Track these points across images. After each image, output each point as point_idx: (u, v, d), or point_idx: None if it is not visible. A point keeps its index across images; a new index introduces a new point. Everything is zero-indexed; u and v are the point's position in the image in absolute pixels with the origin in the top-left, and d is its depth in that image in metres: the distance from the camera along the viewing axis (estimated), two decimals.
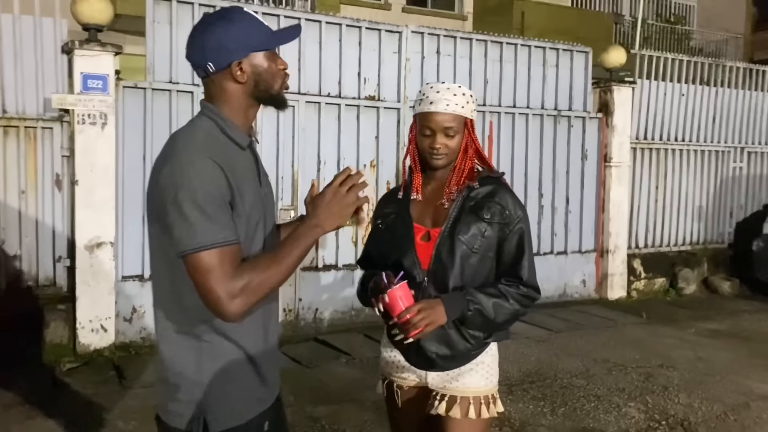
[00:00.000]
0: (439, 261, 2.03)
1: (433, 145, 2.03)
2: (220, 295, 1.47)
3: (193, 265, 1.48)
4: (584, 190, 7.43)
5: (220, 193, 1.50)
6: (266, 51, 1.62)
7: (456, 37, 6.66)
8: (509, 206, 2.06)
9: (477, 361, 2.09)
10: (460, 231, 2.03)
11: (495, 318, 2.00)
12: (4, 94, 4.95)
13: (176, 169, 1.50)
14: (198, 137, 1.58)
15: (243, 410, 1.63)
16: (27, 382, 4.43)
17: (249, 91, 1.63)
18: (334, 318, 6.09)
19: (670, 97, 7.96)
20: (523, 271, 2.06)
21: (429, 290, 2.03)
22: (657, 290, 7.92)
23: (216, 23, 1.59)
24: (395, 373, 2.18)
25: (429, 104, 2.02)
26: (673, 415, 4.18)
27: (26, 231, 5.07)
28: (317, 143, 5.98)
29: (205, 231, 1.47)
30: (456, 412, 2.04)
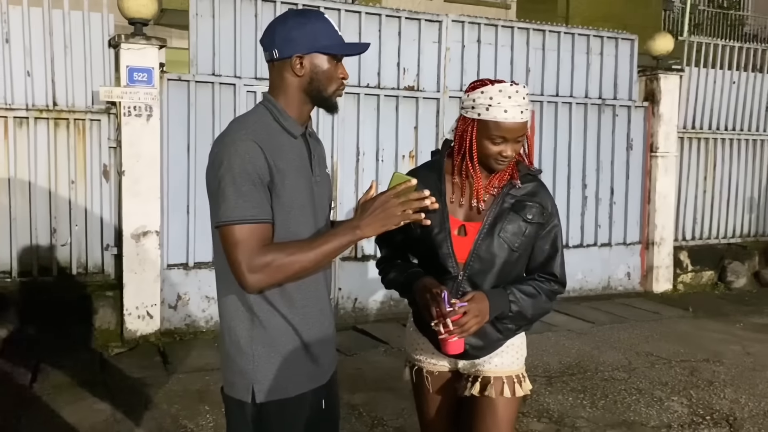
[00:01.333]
0: (477, 257, 2.02)
1: (505, 153, 1.97)
2: (242, 266, 1.58)
3: (224, 237, 1.60)
4: (629, 181, 7.27)
5: (257, 172, 1.59)
6: (329, 55, 1.70)
7: (497, 26, 6.59)
8: (548, 207, 2.09)
9: (507, 344, 2.13)
10: (502, 229, 2.02)
11: (531, 316, 2.07)
12: (54, 88, 5.12)
13: (221, 148, 1.63)
14: (248, 122, 1.69)
15: (291, 384, 1.71)
16: (77, 365, 4.60)
17: (303, 87, 1.71)
18: (373, 308, 6.13)
19: (720, 85, 7.70)
20: (557, 268, 2.10)
21: (463, 285, 2.03)
22: (705, 284, 7.71)
23: (293, 17, 1.71)
24: (425, 359, 2.19)
25: (503, 112, 1.92)
26: (718, 410, 4.07)
27: (76, 220, 5.25)
28: (356, 134, 6.00)
29: (237, 206, 1.58)
30: (491, 391, 2.08)
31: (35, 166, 5.10)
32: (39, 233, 5.14)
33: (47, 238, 5.18)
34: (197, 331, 5.48)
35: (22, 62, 5.02)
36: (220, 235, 1.61)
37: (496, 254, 2.02)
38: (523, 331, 2.18)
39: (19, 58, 5.02)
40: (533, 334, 5.44)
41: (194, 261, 5.53)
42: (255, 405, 1.68)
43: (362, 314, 6.05)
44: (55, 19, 5.09)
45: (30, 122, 5.06)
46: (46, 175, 5.14)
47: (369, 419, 3.84)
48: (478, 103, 1.96)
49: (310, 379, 1.75)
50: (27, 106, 5.05)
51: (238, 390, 1.70)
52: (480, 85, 1.99)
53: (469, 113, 2.00)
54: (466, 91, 2.04)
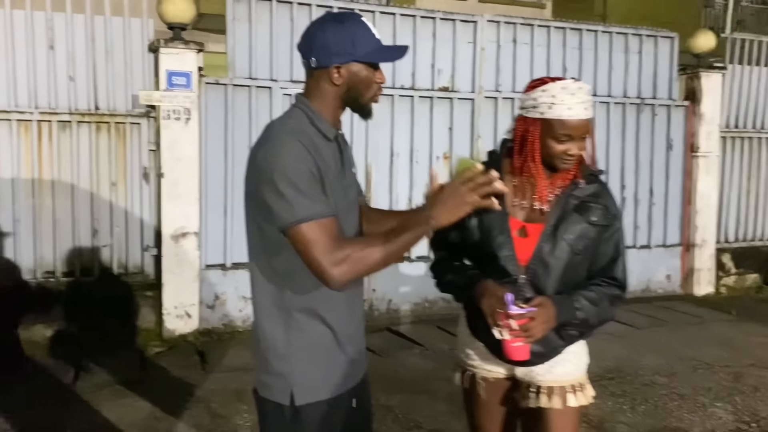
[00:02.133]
0: (540, 260, 1.97)
1: (570, 152, 1.92)
2: (323, 263, 1.56)
3: (295, 239, 1.58)
4: (669, 182, 7.12)
5: (310, 171, 1.59)
6: (367, 63, 1.68)
7: (533, 25, 6.52)
8: (611, 208, 2.02)
9: (567, 350, 2.06)
10: (566, 231, 1.96)
11: (596, 324, 2.02)
12: (96, 92, 5.24)
13: (270, 152, 1.61)
14: (289, 124, 1.68)
15: (328, 386, 1.70)
16: (118, 364, 4.69)
17: (341, 94, 1.70)
18: (408, 309, 6.12)
19: (764, 83, 7.50)
20: (619, 272, 2.03)
21: (525, 288, 1.97)
22: (749, 287, 7.51)
23: (330, 24, 1.68)
24: (480, 365, 2.12)
25: (567, 110, 1.88)
26: (764, 417, 3.96)
27: (117, 221, 5.36)
28: (390, 135, 6.01)
29: (301, 205, 1.56)
30: (555, 402, 2.01)
31: (77, 168, 5.22)
32: (81, 234, 5.26)
33: (89, 239, 5.30)
34: (234, 331, 5.54)
35: (65, 67, 5.16)
36: (291, 237, 1.59)
37: (559, 257, 1.96)
38: (582, 339, 2.09)
39: (63, 64, 5.15)
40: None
41: (232, 261, 5.60)
42: (293, 407, 1.68)
43: (396, 315, 6.04)
44: (97, 25, 5.21)
45: (73, 126, 5.19)
46: (87, 178, 5.26)
47: (405, 421, 3.83)
48: (540, 101, 1.91)
49: (345, 379, 1.75)
50: (70, 110, 5.18)
51: (275, 392, 1.70)
52: (540, 83, 1.94)
53: (530, 113, 1.95)
54: (525, 90, 1.99)
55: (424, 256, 6.13)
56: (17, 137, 5.07)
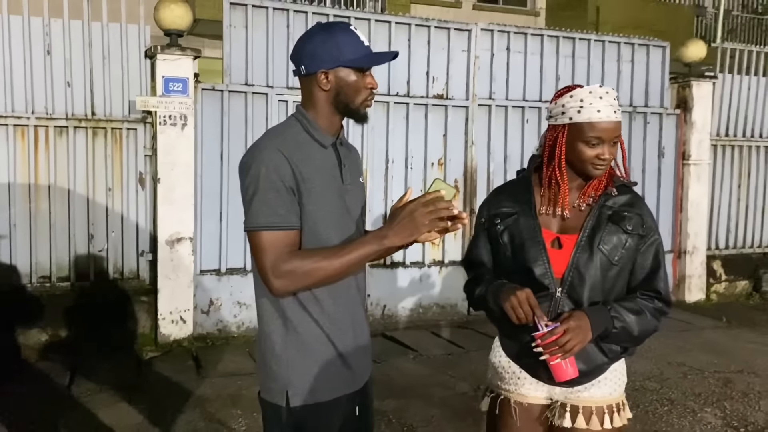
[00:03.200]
0: (576, 271, 1.92)
1: (603, 156, 1.88)
2: (267, 272, 1.64)
3: (251, 242, 1.68)
4: (661, 189, 7.19)
5: (281, 180, 1.64)
6: (355, 67, 1.73)
7: (527, 34, 6.59)
8: (647, 218, 1.98)
9: (608, 370, 2.00)
10: (601, 241, 1.92)
11: (637, 335, 1.93)
12: (93, 98, 5.27)
13: (249, 158, 1.70)
14: (277, 133, 1.76)
15: (324, 389, 1.74)
16: (113, 368, 4.71)
17: (331, 100, 1.75)
18: (403, 315, 6.15)
19: (754, 92, 7.59)
20: (660, 285, 1.97)
21: (563, 302, 1.93)
22: (739, 293, 7.59)
23: (318, 33, 1.74)
24: (515, 389, 2.04)
25: (596, 112, 1.86)
26: (753, 422, 4.01)
27: (112, 226, 5.38)
28: (386, 142, 6.06)
29: (261, 213, 1.64)
30: (594, 423, 1.95)
31: (74, 173, 5.24)
32: (77, 239, 5.28)
33: (85, 244, 5.31)
34: (229, 336, 5.57)
35: (62, 73, 5.18)
36: (249, 239, 1.69)
37: (595, 267, 1.91)
38: (626, 356, 2.04)
39: (60, 69, 5.18)
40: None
41: (226, 267, 5.63)
42: (289, 409, 1.72)
43: (391, 321, 6.08)
44: (94, 31, 5.24)
45: (69, 131, 5.21)
46: (84, 183, 5.28)
47: (399, 426, 3.86)
48: (568, 107, 1.91)
49: (343, 384, 1.78)
50: (67, 116, 5.20)
51: (273, 394, 1.75)
52: (567, 90, 1.94)
53: (559, 120, 1.94)
54: (552, 99, 1.99)
55: (419, 262, 6.18)
56: (14, 142, 5.09)
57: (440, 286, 6.18)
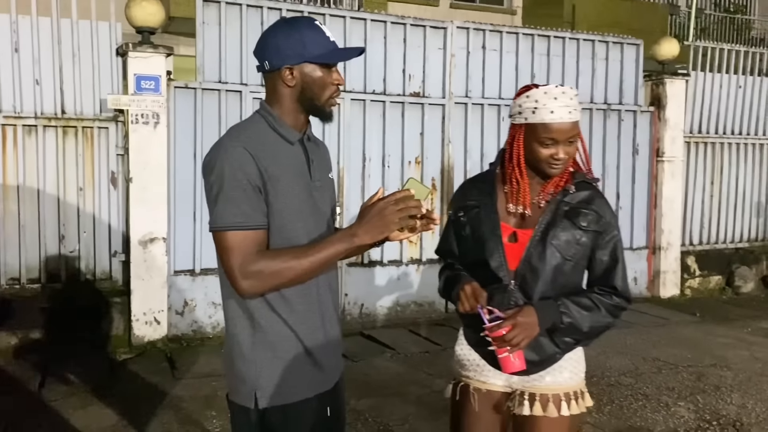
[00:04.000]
0: (528, 265, 1.96)
1: (557, 156, 1.91)
2: (234, 273, 1.60)
3: (217, 242, 1.64)
4: (635, 186, 7.27)
5: (247, 179, 1.60)
6: (320, 64, 1.70)
7: (502, 32, 6.61)
8: (605, 214, 2.00)
9: (564, 358, 2.03)
10: (554, 236, 1.95)
11: (587, 330, 1.96)
12: (63, 96, 5.18)
13: (213, 155, 1.66)
14: (241, 129, 1.72)
15: (293, 390, 1.71)
16: (85, 370, 4.63)
17: (296, 96, 1.72)
18: (380, 313, 6.14)
19: (726, 89, 7.70)
20: (617, 281, 2.00)
21: (515, 294, 1.97)
22: (712, 288, 7.69)
23: (282, 27, 1.71)
24: (475, 376, 2.10)
25: (549, 113, 1.88)
26: (725, 415, 4.06)
27: (84, 227, 5.30)
28: (362, 140, 6.03)
29: (227, 212, 1.60)
30: (550, 410, 1.98)
31: (44, 173, 5.15)
32: (48, 240, 5.19)
33: (56, 245, 5.22)
34: (204, 337, 5.51)
35: (31, 71, 5.09)
36: (214, 239, 1.65)
37: (548, 262, 1.94)
38: (582, 345, 2.06)
39: (28, 67, 5.08)
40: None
41: (201, 267, 5.57)
42: (258, 411, 1.69)
43: (369, 320, 6.06)
44: (63, 28, 5.16)
45: (39, 130, 5.12)
46: (54, 183, 5.19)
47: (375, 425, 3.85)
48: (524, 107, 1.94)
49: (313, 384, 1.75)
50: (36, 114, 5.11)
51: (241, 396, 1.71)
52: (524, 90, 1.97)
53: (516, 119, 1.98)
54: (513, 98, 2.02)
55: (396, 260, 6.17)
56: None
57: (418, 284, 6.18)
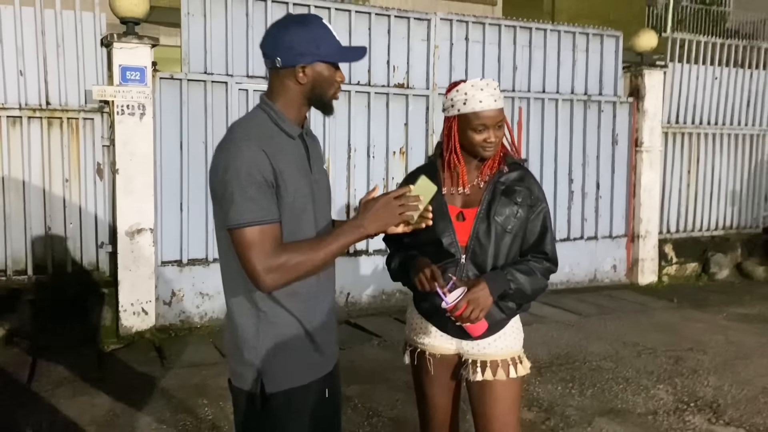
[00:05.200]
0: (477, 240, 2.18)
1: (489, 139, 2.15)
2: (257, 268, 1.64)
3: (236, 240, 1.66)
4: (615, 176, 7.41)
5: (262, 175, 1.65)
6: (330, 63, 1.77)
7: (485, 24, 6.68)
8: (534, 190, 2.25)
9: (507, 326, 2.27)
10: (496, 212, 2.18)
11: (530, 293, 2.20)
12: (47, 87, 5.15)
13: (226, 153, 1.68)
14: (249, 126, 1.75)
15: (298, 374, 1.78)
16: (74, 361, 4.65)
17: (305, 93, 1.78)
18: (366, 302, 6.22)
19: (702, 81, 7.86)
20: (547, 247, 2.25)
21: (468, 267, 2.19)
22: (689, 275, 7.89)
23: (293, 25, 1.76)
24: (428, 342, 2.30)
25: (478, 102, 2.13)
26: (702, 397, 4.21)
27: (70, 218, 5.29)
28: (347, 131, 6.08)
29: (246, 209, 1.63)
30: (500, 374, 2.22)
31: (29, 165, 5.13)
32: (33, 231, 5.17)
33: (42, 237, 5.21)
34: (192, 327, 5.54)
35: (14, 61, 5.05)
36: (232, 238, 1.67)
37: (493, 235, 2.18)
38: (521, 312, 2.31)
39: (12, 58, 5.04)
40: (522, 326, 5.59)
41: (188, 258, 5.59)
42: (263, 395, 1.76)
43: (355, 308, 6.14)
44: (47, 18, 5.12)
45: (23, 121, 5.09)
46: (39, 174, 5.17)
47: (364, 410, 3.93)
48: (456, 100, 2.18)
49: (315, 369, 1.83)
50: (20, 105, 5.08)
51: (246, 381, 1.78)
52: (454, 85, 2.21)
53: (450, 112, 2.21)
54: (444, 94, 2.25)
55: (381, 250, 6.24)
56: None
57: None
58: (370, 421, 3.81)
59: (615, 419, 3.86)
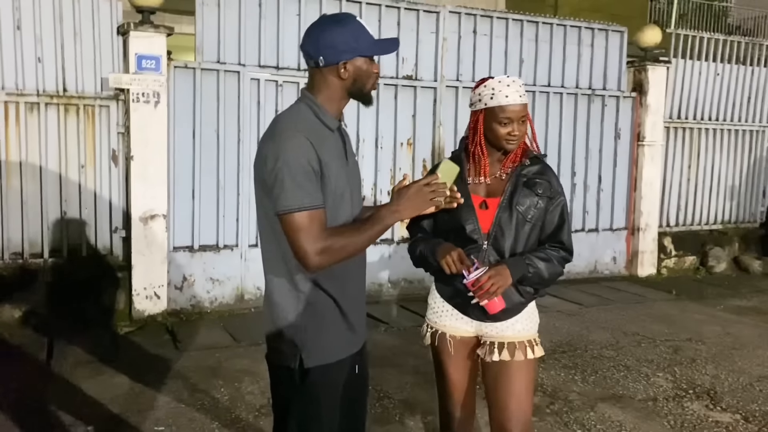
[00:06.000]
0: (499, 227, 2.32)
1: (513, 132, 2.29)
2: (307, 250, 1.77)
3: (287, 224, 1.78)
4: (617, 169, 7.54)
5: (309, 164, 1.78)
6: (368, 57, 1.90)
7: (492, 17, 6.78)
8: (554, 183, 2.39)
9: (524, 310, 2.40)
10: (518, 202, 2.32)
11: (547, 278, 2.34)
12: (65, 74, 5.24)
13: (276, 144, 1.81)
14: (295, 119, 1.88)
15: (333, 351, 1.92)
16: (90, 342, 4.78)
17: (347, 87, 1.92)
18: (372, 290, 6.33)
19: (705, 77, 7.98)
20: (564, 237, 2.39)
21: (489, 253, 2.32)
22: (687, 268, 8.04)
23: (332, 25, 1.89)
24: (449, 324, 2.44)
25: (504, 97, 2.27)
26: (700, 384, 4.36)
27: (85, 203, 5.40)
28: (356, 122, 6.18)
29: (296, 195, 1.76)
30: (518, 355, 2.35)
31: (46, 150, 5.23)
32: (50, 216, 5.28)
33: (58, 221, 5.32)
34: (202, 312, 5.67)
35: (33, 49, 5.14)
36: (282, 222, 1.79)
37: (514, 224, 2.31)
38: (537, 297, 2.44)
39: (30, 45, 5.13)
40: None
41: (199, 244, 5.71)
42: (302, 370, 1.89)
43: None
44: (65, 6, 5.20)
45: (41, 108, 5.18)
46: (56, 160, 5.27)
47: (375, 393, 4.06)
48: (483, 95, 2.31)
49: (348, 346, 1.98)
50: (38, 92, 5.17)
51: (286, 357, 1.91)
52: (482, 82, 2.35)
53: (477, 106, 2.35)
54: (473, 90, 2.37)
55: (388, 240, 6.37)
56: None
57: (408, 262, 6.36)
58: (382, 402, 3.94)
59: (616, 404, 4.01)
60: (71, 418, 3.59)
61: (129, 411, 3.72)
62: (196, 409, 3.78)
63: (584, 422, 3.75)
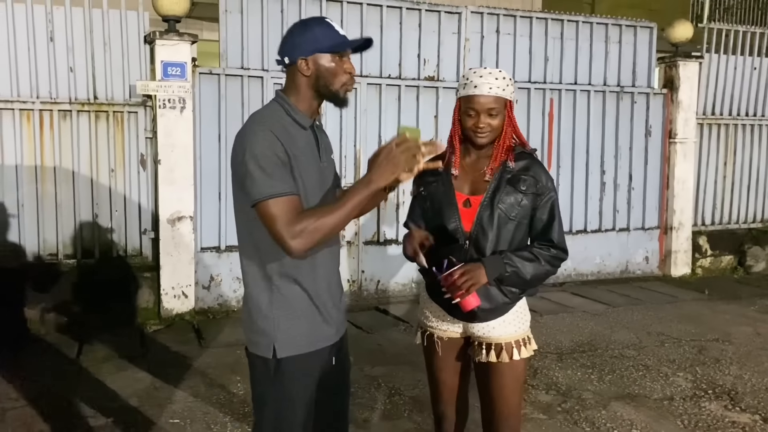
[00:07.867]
0: (480, 225, 2.28)
1: (478, 124, 2.24)
2: (283, 235, 1.81)
3: (261, 213, 1.84)
4: (648, 167, 7.39)
5: (276, 156, 1.85)
6: (331, 53, 1.95)
7: (516, 16, 6.75)
8: (541, 179, 2.31)
9: (512, 311, 2.36)
10: (500, 200, 2.27)
11: (529, 278, 2.27)
12: (95, 83, 5.47)
13: (244, 138, 1.89)
14: (264, 115, 1.96)
15: (306, 342, 1.99)
16: (118, 340, 4.97)
17: (312, 84, 1.97)
18: (395, 289, 6.40)
19: (740, 71, 7.75)
20: (553, 235, 2.32)
21: (470, 251, 2.29)
22: (724, 268, 7.81)
23: (297, 27, 1.98)
24: (437, 325, 2.44)
25: (473, 88, 2.22)
26: (720, 385, 4.26)
27: (116, 206, 5.62)
28: (378, 124, 6.25)
29: (266, 184, 1.82)
30: (504, 356, 2.33)
31: (78, 155, 5.46)
32: (82, 218, 5.52)
33: (90, 223, 5.55)
34: (229, 310, 5.82)
35: (65, 59, 5.38)
36: (258, 211, 1.83)
37: (495, 222, 2.27)
38: (526, 296, 2.40)
39: (63, 55, 5.37)
40: (548, 315, 5.71)
41: (226, 244, 5.86)
42: (276, 360, 1.96)
43: (384, 295, 6.33)
44: (95, 17, 5.43)
45: (73, 115, 5.42)
46: (87, 164, 5.50)
47: (387, 389, 4.12)
48: (459, 84, 2.31)
49: (322, 336, 2.03)
50: (70, 100, 5.41)
51: (261, 348, 1.99)
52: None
53: (457, 96, 2.34)
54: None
55: None
56: (20, 126, 5.30)
57: None
58: (392, 399, 3.99)
59: (630, 403, 3.96)
60: (93, 411, 3.76)
61: (147, 404, 3.87)
62: (211, 404, 3.90)
63: (594, 420, 3.72)
